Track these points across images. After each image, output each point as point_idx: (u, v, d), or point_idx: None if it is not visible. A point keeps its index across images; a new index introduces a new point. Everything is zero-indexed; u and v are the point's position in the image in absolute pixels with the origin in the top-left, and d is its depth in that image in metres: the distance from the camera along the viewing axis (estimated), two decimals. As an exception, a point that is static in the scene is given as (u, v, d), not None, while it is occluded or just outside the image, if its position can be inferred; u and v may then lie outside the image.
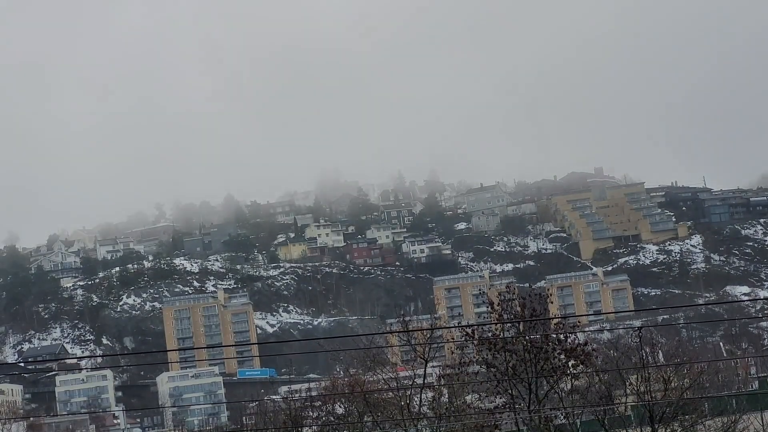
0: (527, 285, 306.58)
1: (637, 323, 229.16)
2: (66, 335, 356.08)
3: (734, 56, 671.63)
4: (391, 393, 72.95)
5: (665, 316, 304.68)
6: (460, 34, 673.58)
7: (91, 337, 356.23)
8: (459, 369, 67.04)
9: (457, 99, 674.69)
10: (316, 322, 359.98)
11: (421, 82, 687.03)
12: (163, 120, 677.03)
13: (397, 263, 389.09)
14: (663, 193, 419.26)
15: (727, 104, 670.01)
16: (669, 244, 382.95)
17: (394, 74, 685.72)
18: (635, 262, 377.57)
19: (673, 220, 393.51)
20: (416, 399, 71.26)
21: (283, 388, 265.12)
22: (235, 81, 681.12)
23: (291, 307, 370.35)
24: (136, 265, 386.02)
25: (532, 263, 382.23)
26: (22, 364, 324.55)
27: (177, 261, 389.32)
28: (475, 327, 65.11)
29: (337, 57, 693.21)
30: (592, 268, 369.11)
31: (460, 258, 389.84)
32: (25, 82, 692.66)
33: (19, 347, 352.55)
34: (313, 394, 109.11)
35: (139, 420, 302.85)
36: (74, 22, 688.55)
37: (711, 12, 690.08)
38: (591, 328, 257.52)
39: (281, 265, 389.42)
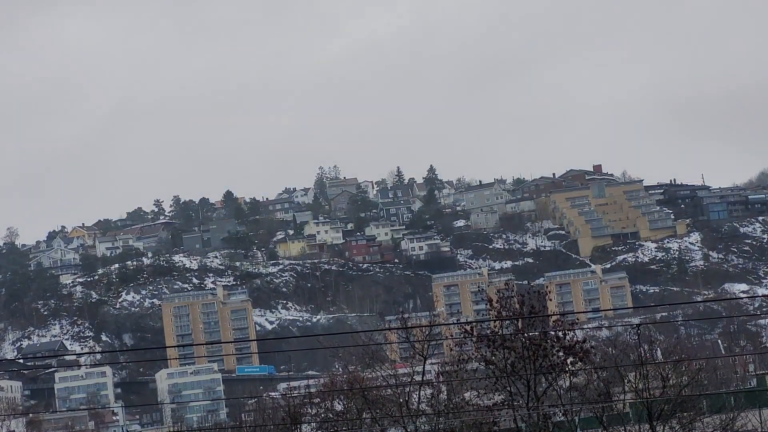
0: (526, 282, 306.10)
1: (636, 321, 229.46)
2: (65, 332, 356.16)
3: (733, 55, 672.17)
4: (389, 390, 73.01)
5: (664, 314, 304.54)
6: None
7: (91, 333, 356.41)
8: (458, 366, 67.09)
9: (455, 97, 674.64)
10: (314, 319, 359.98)
11: (419, 81, 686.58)
12: (161, 117, 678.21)
13: (395, 260, 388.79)
14: (662, 190, 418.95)
15: (727, 102, 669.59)
16: (667, 242, 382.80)
17: (392, 72, 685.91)
18: (634, 259, 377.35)
19: (672, 217, 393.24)
20: (415, 396, 71.35)
21: (282, 385, 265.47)
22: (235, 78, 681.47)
23: (290, 304, 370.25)
24: (135, 262, 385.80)
25: (530, 260, 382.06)
26: (21, 361, 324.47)
27: (176, 258, 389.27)
28: (474, 324, 65.21)
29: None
30: (590, 266, 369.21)
31: (458, 255, 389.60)
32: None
33: (19, 344, 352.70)
34: (312, 390, 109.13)
35: (138, 416, 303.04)
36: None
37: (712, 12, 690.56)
38: (589, 326, 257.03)
39: (280, 261, 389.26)
